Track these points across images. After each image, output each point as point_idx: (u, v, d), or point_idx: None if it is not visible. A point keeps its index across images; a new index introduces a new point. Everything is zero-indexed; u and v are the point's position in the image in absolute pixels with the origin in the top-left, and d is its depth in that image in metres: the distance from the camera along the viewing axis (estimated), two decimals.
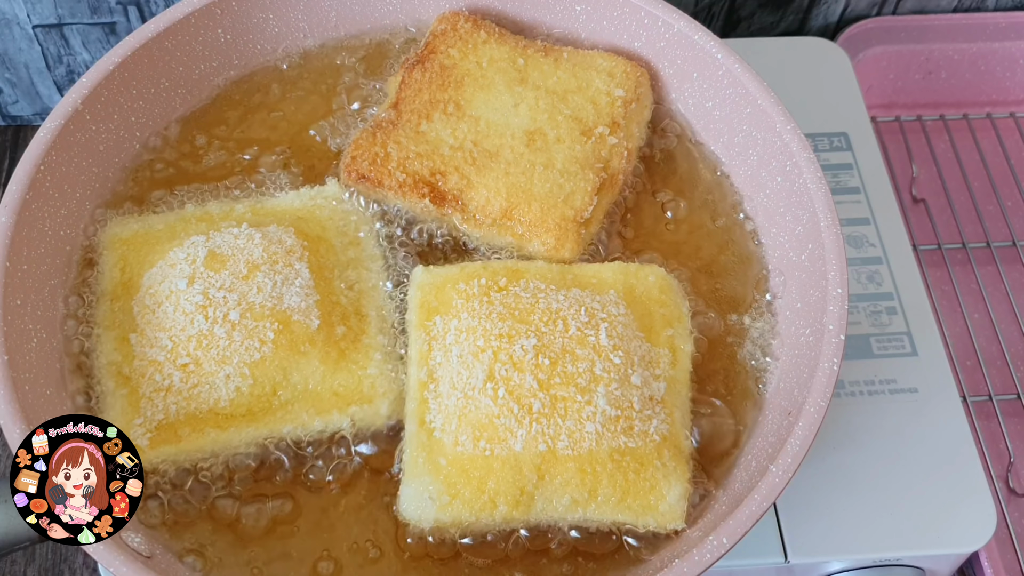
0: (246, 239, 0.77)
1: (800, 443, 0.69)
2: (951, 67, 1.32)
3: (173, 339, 0.73)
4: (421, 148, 0.84)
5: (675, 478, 0.71)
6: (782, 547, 0.88)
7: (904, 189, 1.25)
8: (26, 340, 0.74)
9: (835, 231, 0.78)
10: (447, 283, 0.77)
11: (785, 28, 1.34)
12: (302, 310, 0.75)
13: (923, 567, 0.90)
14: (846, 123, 1.12)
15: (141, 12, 1.16)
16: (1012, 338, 1.15)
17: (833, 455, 0.91)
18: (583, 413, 0.70)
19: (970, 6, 1.33)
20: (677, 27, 0.88)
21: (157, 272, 0.76)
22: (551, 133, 0.85)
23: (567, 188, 0.82)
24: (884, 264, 1.02)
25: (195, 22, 0.88)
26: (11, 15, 1.15)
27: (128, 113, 0.86)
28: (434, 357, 0.75)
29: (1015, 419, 1.10)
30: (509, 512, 0.70)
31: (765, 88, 0.84)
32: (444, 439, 0.71)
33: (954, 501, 0.90)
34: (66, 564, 1.06)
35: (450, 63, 0.88)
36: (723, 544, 0.66)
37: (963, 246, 1.21)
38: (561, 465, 0.70)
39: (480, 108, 0.86)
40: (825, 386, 0.71)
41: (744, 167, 0.88)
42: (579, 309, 0.74)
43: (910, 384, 0.96)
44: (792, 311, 0.81)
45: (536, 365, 0.71)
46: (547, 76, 0.88)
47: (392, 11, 0.96)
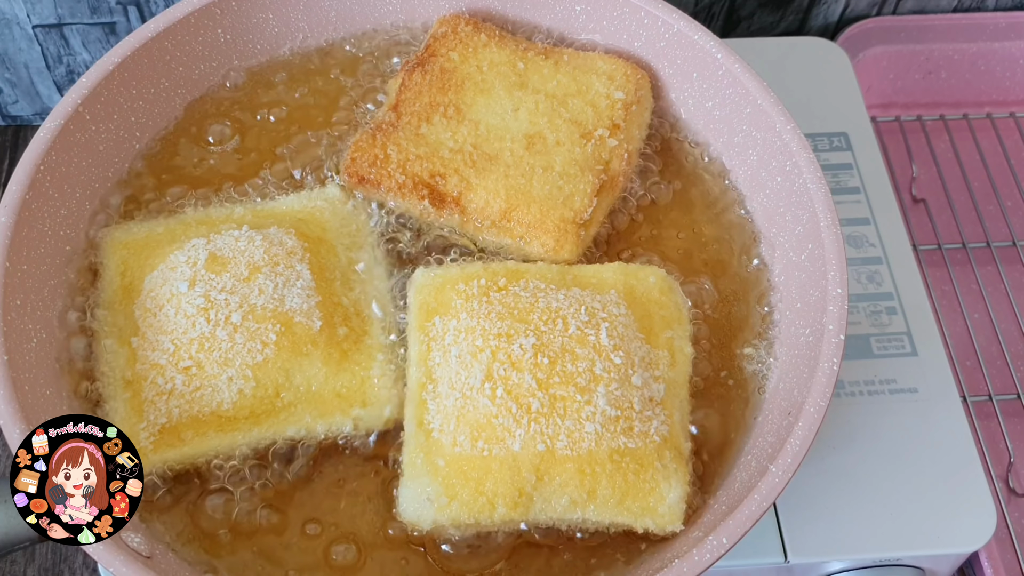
0: (247, 241, 0.77)
1: (800, 443, 0.69)
2: (951, 67, 1.32)
3: (175, 342, 0.73)
4: (421, 150, 0.84)
5: (675, 480, 0.71)
6: (782, 547, 0.88)
7: (904, 189, 1.25)
8: (26, 340, 0.74)
9: (835, 231, 0.78)
10: (446, 284, 0.77)
11: (785, 28, 1.34)
12: (304, 312, 0.75)
13: (923, 567, 0.90)
14: (846, 123, 1.12)
15: (141, 12, 1.16)
16: (1012, 338, 1.15)
17: (833, 455, 0.91)
18: (582, 413, 0.70)
19: (970, 6, 1.33)
20: (677, 27, 0.88)
21: (158, 275, 0.76)
22: (551, 136, 0.84)
23: (567, 190, 0.82)
24: (884, 264, 1.02)
25: (195, 22, 0.88)
26: (11, 15, 1.15)
27: (128, 113, 0.86)
28: (433, 358, 0.74)
29: (1015, 419, 1.10)
30: (508, 513, 0.70)
31: (765, 88, 0.85)
32: (442, 440, 0.71)
33: (954, 501, 0.90)
34: (66, 564, 1.06)
35: (450, 66, 0.88)
36: (723, 544, 0.66)
37: (963, 246, 1.21)
38: (560, 465, 0.69)
39: (480, 112, 0.86)
40: (825, 386, 0.71)
41: (744, 167, 0.88)
42: (579, 308, 0.74)
43: (910, 384, 0.96)
44: (792, 311, 0.81)
45: (535, 364, 0.71)
46: (547, 80, 0.88)
47: (392, 11, 0.96)
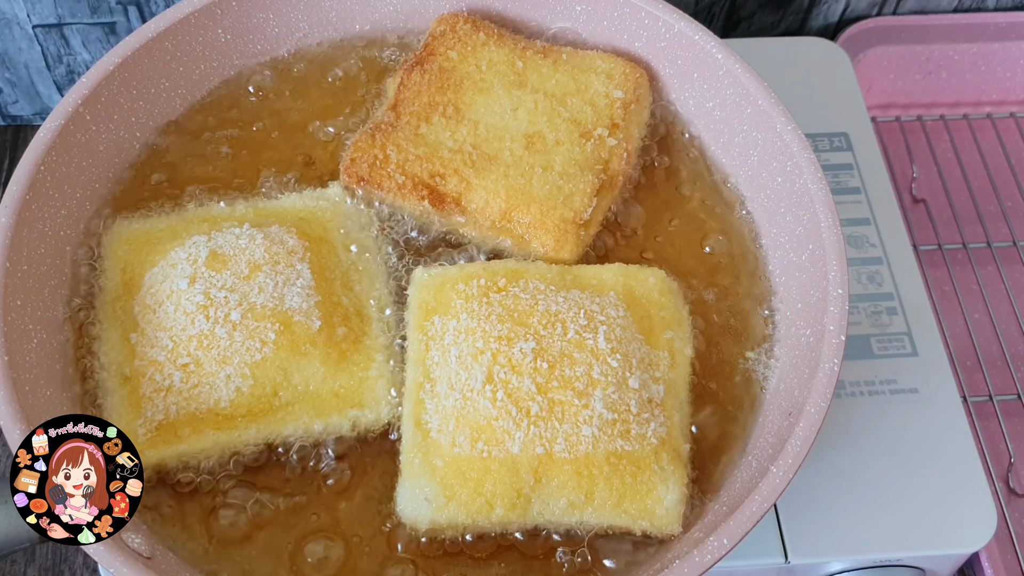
0: (248, 239, 0.77)
1: (801, 444, 0.69)
2: (951, 67, 1.32)
3: (174, 339, 0.73)
4: (420, 150, 0.84)
5: (673, 482, 0.71)
6: (782, 547, 0.88)
7: (904, 189, 1.25)
8: (26, 340, 0.74)
9: (836, 231, 0.77)
10: (446, 284, 0.77)
11: (785, 28, 1.34)
12: (303, 311, 0.75)
13: (923, 567, 0.90)
14: (846, 123, 1.12)
15: (141, 12, 1.16)
16: (1012, 338, 1.15)
17: (833, 455, 0.91)
18: (580, 417, 0.70)
19: (970, 6, 1.33)
20: (678, 27, 0.88)
21: (158, 272, 0.76)
22: (550, 136, 0.84)
23: (566, 190, 0.82)
24: (884, 264, 1.02)
25: (195, 22, 0.88)
26: (11, 15, 1.15)
27: (128, 113, 0.86)
28: (431, 357, 0.74)
29: (1015, 419, 1.10)
30: (506, 514, 0.70)
31: (765, 88, 0.84)
32: (441, 440, 0.71)
33: (954, 501, 0.90)
34: (66, 564, 1.06)
35: (449, 65, 0.88)
36: (723, 545, 0.65)
37: (963, 246, 1.21)
38: (558, 468, 0.69)
39: (479, 112, 0.86)
40: (826, 386, 0.71)
41: (744, 167, 0.88)
42: (578, 312, 0.74)
43: (910, 384, 0.96)
44: (792, 311, 0.81)
45: (535, 368, 0.71)
46: (546, 79, 0.88)
47: (392, 11, 0.96)
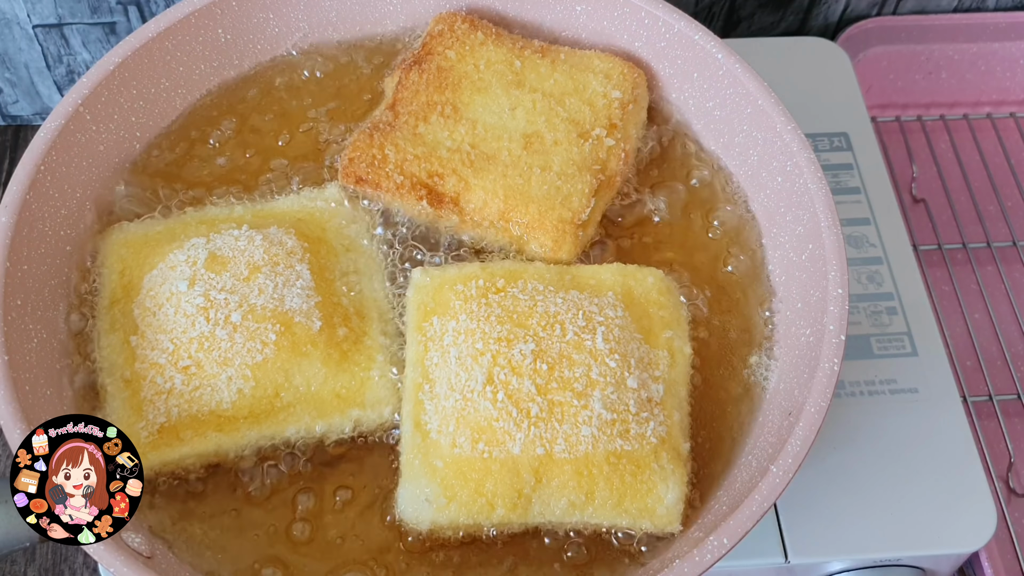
0: (247, 241, 0.77)
1: (801, 443, 0.69)
2: (951, 67, 1.32)
3: (174, 341, 0.73)
4: (418, 150, 0.84)
5: (673, 481, 0.71)
6: (782, 547, 0.88)
7: (904, 189, 1.25)
8: (26, 340, 0.74)
9: (835, 231, 0.77)
10: (445, 284, 0.77)
11: (785, 28, 1.34)
12: (304, 312, 0.75)
13: (923, 567, 0.90)
14: (846, 123, 1.12)
15: (141, 12, 1.16)
16: (1012, 338, 1.15)
17: (833, 455, 0.91)
18: (579, 417, 0.70)
19: (970, 6, 1.33)
20: (677, 27, 0.88)
21: (158, 274, 0.76)
22: (548, 136, 0.84)
23: (564, 190, 0.82)
24: (884, 264, 1.02)
25: (195, 22, 0.88)
26: (11, 15, 1.15)
27: (128, 113, 0.86)
28: (430, 358, 0.74)
29: (1015, 419, 1.10)
30: (506, 515, 0.70)
31: (765, 88, 0.84)
32: (441, 441, 0.71)
33: (954, 501, 0.90)
34: (66, 564, 1.06)
35: (447, 65, 0.88)
36: (723, 544, 0.66)
37: (963, 246, 1.21)
38: (558, 468, 0.70)
39: (477, 111, 0.86)
40: (826, 386, 0.71)
41: (744, 167, 0.88)
42: (576, 313, 0.74)
43: (910, 384, 0.96)
44: (792, 311, 0.81)
45: (534, 370, 0.71)
46: (544, 79, 0.88)
47: (392, 11, 0.95)
